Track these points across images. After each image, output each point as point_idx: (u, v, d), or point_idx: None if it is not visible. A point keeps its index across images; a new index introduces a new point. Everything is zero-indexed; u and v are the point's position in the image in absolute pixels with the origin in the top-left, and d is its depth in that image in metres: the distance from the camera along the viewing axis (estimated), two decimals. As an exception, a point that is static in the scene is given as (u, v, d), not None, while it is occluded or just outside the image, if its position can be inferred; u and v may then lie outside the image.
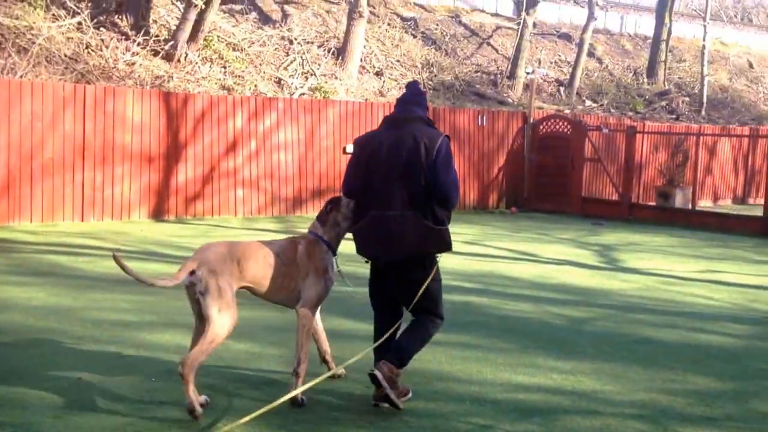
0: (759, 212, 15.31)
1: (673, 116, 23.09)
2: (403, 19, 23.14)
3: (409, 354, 4.72)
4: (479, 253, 11.12)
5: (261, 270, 4.59)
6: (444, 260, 4.96)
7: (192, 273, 4.40)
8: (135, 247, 10.45)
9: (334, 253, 4.87)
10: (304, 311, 4.68)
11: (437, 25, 23.76)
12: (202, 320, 4.41)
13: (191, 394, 4.23)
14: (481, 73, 22.27)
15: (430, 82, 20.34)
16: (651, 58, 25.49)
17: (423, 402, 4.83)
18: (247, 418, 4.14)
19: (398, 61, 20.96)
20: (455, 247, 5.13)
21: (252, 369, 5.42)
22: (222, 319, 4.35)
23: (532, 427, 4.49)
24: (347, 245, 4.97)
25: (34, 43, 14.69)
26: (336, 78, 18.71)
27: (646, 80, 25.18)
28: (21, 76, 13.52)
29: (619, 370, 5.70)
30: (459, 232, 13.41)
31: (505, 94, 21.38)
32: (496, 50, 24.00)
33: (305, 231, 5.00)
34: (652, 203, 17.62)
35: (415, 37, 22.41)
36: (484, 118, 17.60)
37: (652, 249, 12.28)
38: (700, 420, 4.74)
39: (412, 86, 5.08)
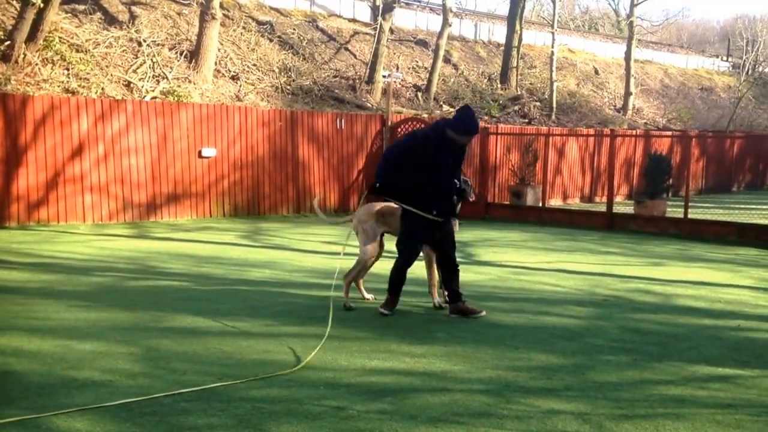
0: (604, 209, 16.42)
1: (526, 120, 24.31)
2: (259, 22, 23.09)
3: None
4: (338, 251, 11.26)
5: (394, 221, 7.34)
6: (301, 260, 5.14)
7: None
8: (-31, 255, 9.89)
9: None
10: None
11: (294, 29, 23.87)
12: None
13: (346, 296, 7.45)
14: (339, 77, 22.56)
15: (288, 87, 20.41)
16: (504, 64, 26.71)
17: (277, 389, 4.92)
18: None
19: (255, 65, 20.88)
20: (315, 247, 5.31)
21: (97, 368, 5.29)
22: (365, 248, 7.46)
23: (384, 406, 4.66)
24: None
25: None
26: (190, 81, 18.41)
27: (499, 86, 26.35)
28: None
29: (469, 351, 6.01)
30: (319, 233, 13.58)
31: (363, 99, 21.76)
32: (354, 55, 24.39)
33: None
34: (507, 202, 18.49)
35: (271, 41, 22.41)
36: (343, 121, 17.88)
37: (506, 244, 12.92)
38: (541, 391, 5.08)
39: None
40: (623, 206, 18.09)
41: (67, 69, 16.61)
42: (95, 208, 14.05)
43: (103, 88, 16.50)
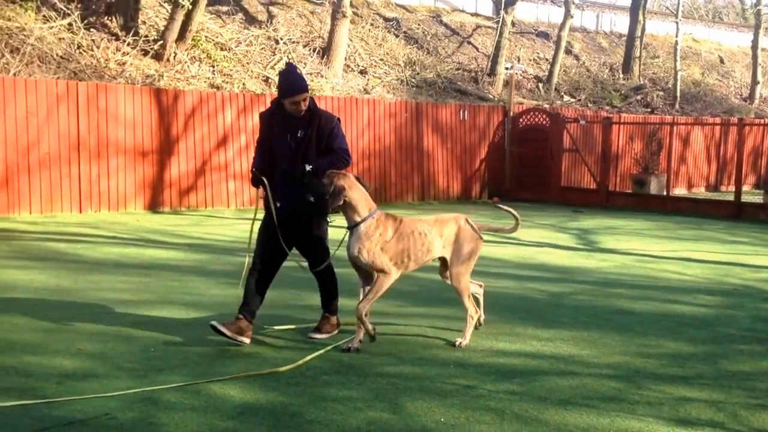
0: (730, 198, 15.53)
1: (648, 110, 23.33)
2: (386, 19, 23.24)
3: None
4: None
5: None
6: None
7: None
8: (131, 235, 10.54)
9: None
10: None
11: (419, 24, 23.88)
12: None
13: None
14: (462, 70, 22.40)
15: (413, 80, 20.45)
16: (626, 54, 25.72)
17: (409, 366, 4.95)
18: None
19: (381, 59, 21.06)
20: None
21: (246, 340, 5.48)
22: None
23: (513, 387, 4.60)
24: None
25: (25, 43, 14.68)
26: (321, 76, 18.79)
27: (621, 76, 25.40)
28: (14, 74, 13.51)
29: (596, 337, 5.84)
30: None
31: (485, 91, 21.52)
32: (477, 48, 24.14)
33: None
34: (629, 191, 17.83)
35: (397, 36, 22.51)
36: (466, 112, 17.75)
37: (629, 232, 12.47)
38: (673, 379, 4.87)
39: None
40: (750, 195, 17.04)
41: (212, 66, 17.31)
42: (238, 194, 14.62)
43: (244, 84, 17.10)
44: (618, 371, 5.00)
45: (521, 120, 18.01)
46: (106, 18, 17.02)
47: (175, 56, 16.83)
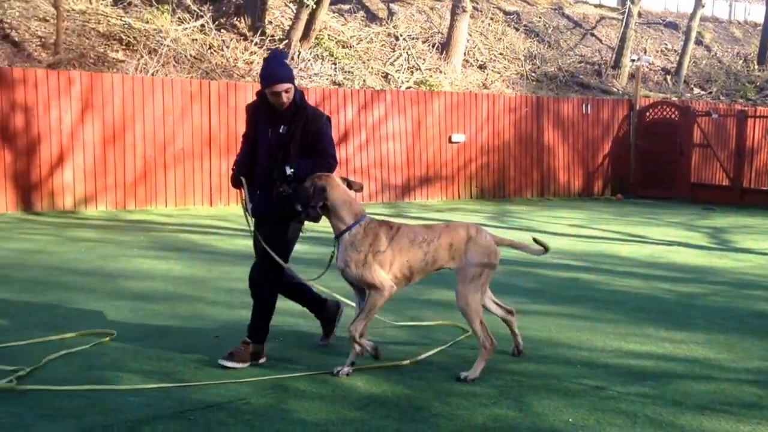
0: None
1: (787, 102, 21.87)
2: (506, 13, 22.92)
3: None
4: (586, 235, 10.94)
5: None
6: (548, 242, 4.98)
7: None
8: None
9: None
10: None
11: (540, 17, 23.41)
12: None
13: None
14: (584, 63, 21.79)
15: (533, 74, 20.07)
16: (762, 44, 24.21)
17: (533, 364, 4.85)
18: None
19: (501, 53, 20.79)
20: (561, 229, 5.24)
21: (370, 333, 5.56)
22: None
23: (645, 390, 4.42)
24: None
25: (162, 44, 15.47)
26: (440, 72, 18.77)
27: (756, 67, 23.93)
28: (152, 74, 14.28)
29: (733, 340, 5.52)
30: (565, 216, 13.25)
31: (609, 84, 20.84)
32: (600, 40, 23.40)
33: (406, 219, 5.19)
34: (766, 188, 16.77)
35: (517, 30, 22.16)
36: (589, 106, 17.24)
37: (767, 231, 11.72)
38: (821, 388, 4.54)
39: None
40: None
41: (334, 63, 17.65)
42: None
43: (364, 80, 17.33)
44: (758, 376, 4.71)
45: (648, 114, 17.30)
46: (235, 19, 17.69)
47: (299, 55, 17.26)
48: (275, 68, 4.57)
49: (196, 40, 16.49)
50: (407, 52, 18.85)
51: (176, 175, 12.98)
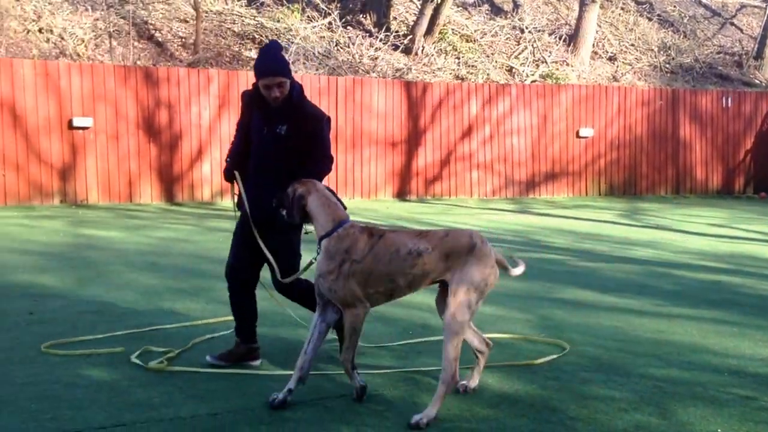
0: None
1: None
2: (638, 2, 22.02)
3: None
4: (727, 235, 10.32)
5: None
6: (685, 242, 4.67)
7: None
8: (383, 221, 11.03)
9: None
10: None
11: (674, 6, 22.33)
12: None
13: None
14: (723, 54, 20.60)
15: (668, 65, 19.17)
16: None
17: (677, 370, 4.60)
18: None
19: (632, 44, 19.99)
20: (699, 229, 4.84)
21: (499, 330, 5.47)
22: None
23: (802, 403, 4.10)
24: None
25: (292, 42, 15.89)
26: (567, 64, 18.27)
27: None
28: (295, 72, 14.70)
29: None
30: (703, 215, 12.58)
31: (751, 76, 19.60)
32: (741, 30, 22.05)
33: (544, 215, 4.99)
34: None
35: (650, 20, 21.23)
36: (729, 99, 16.27)
37: None
38: None
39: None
40: None
41: (458, 58, 17.54)
42: (481, 184, 14.70)
43: (488, 74, 17.13)
44: None
45: (795, 107, 16.14)
46: (361, 16, 17.92)
47: (422, 50, 17.29)
48: (269, 59, 4.19)
49: (324, 37, 16.83)
50: (533, 45, 18.47)
51: (304, 169, 13.32)
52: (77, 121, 11.79)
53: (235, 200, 4.39)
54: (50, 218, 10.51)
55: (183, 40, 15.37)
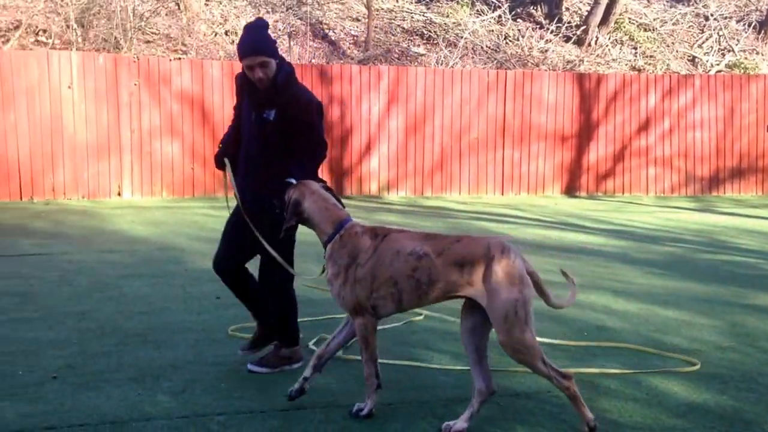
0: None
1: None
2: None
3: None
4: None
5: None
6: None
7: None
8: (551, 218, 10.76)
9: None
10: None
11: None
12: None
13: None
14: None
15: None
16: None
17: None
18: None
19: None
20: None
21: (682, 335, 5.13)
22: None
23: None
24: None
25: (461, 37, 15.86)
26: (757, 53, 16.90)
27: None
28: (452, 66, 14.71)
29: None
30: None
31: None
32: None
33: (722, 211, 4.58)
34: None
35: None
36: None
37: None
38: None
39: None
40: None
41: (635, 48, 16.73)
42: (658, 181, 13.95)
43: (668, 65, 16.21)
44: None
45: None
46: (531, 8, 17.57)
47: (596, 40, 16.66)
48: (248, 38, 3.91)
49: (492, 31, 16.66)
50: (718, 33, 17.25)
51: (470, 164, 13.27)
52: (257, 118, 12.43)
53: (233, 187, 4.06)
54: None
55: (354, 38, 15.80)
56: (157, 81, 11.97)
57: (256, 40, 3.88)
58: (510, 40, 16.57)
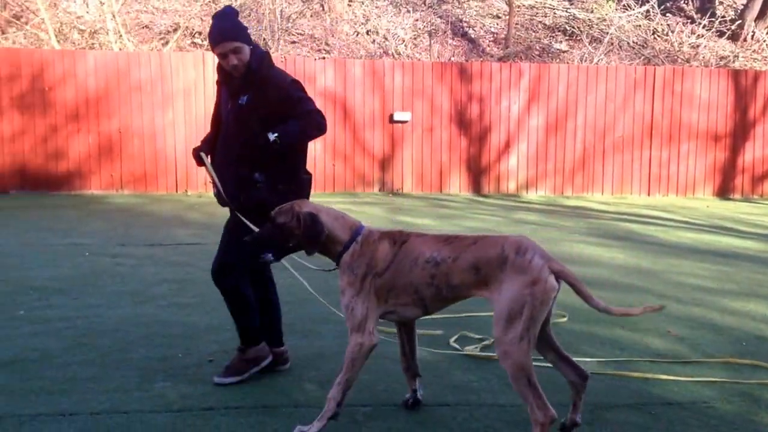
0: None
1: None
2: None
3: None
4: None
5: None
6: None
7: None
8: (703, 221, 10.20)
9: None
10: None
11: None
12: None
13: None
14: None
15: None
16: None
17: None
18: None
19: None
20: None
21: None
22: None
23: None
24: None
25: (606, 32, 15.31)
26: None
27: None
28: (596, 63, 14.24)
29: None
30: None
31: None
32: None
33: None
34: None
35: None
36: None
37: None
38: None
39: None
40: None
41: (799, 42, 15.53)
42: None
43: (837, 59, 14.93)
44: None
45: None
46: (682, 2, 16.71)
47: (752, 35, 15.61)
48: (220, 25, 3.75)
49: (640, 26, 15.98)
50: None
51: (614, 163, 12.79)
52: (397, 116, 12.57)
53: (213, 180, 3.86)
54: (371, 204, 11.35)
55: (494, 35, 15.62)
56: (302, 80, 12.30)
57: (225, 27, 3.75)
58: (658, 36, 15.82)
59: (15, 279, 3.66)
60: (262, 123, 3.68)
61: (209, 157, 3.90)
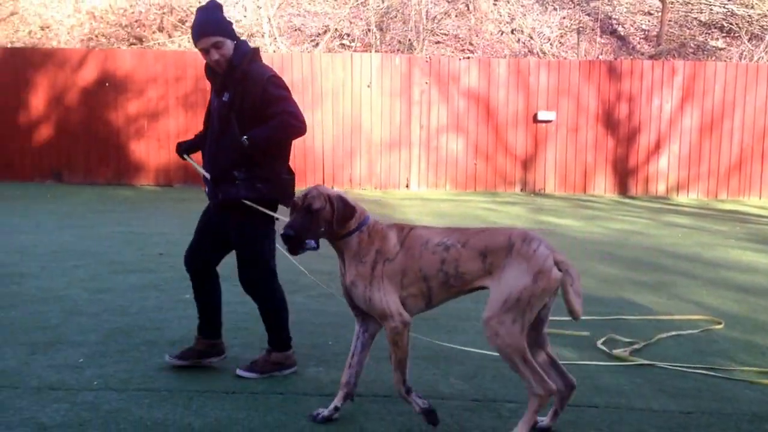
0: None
1: None
2: None
3: None
4: None
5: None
6: None
7: None
8: None
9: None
10: None
11: None
12: None
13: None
14: None
15: None
16: None
17: None
18: None
19: None
20: None
21: None
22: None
23: None
24: None
25: (767, 30, 14.32)
26: None
27: None
28: (756, 61, 13.35)
29: None
30: None
31: None
32: None
33: None
34: None
35: None
36: None
37: None
38: None
39: None
40: None
41: None
42: None
43: None
44: None
45: None
46: None
47: None
48: (200, 20, 3.65)
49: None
50: None
51: (775, 166, 11.97)
52: (541, 115, 12.37)
53: (201, 175, 3.86)
54: (512, 204, 11.24)
55: (645, 32, 15.00)
56: (447, 80, 12.42)
57: (206, 21, 3.66)
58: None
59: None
60: (243, 121, 3.65)
61: (192, 156, 3.99)
